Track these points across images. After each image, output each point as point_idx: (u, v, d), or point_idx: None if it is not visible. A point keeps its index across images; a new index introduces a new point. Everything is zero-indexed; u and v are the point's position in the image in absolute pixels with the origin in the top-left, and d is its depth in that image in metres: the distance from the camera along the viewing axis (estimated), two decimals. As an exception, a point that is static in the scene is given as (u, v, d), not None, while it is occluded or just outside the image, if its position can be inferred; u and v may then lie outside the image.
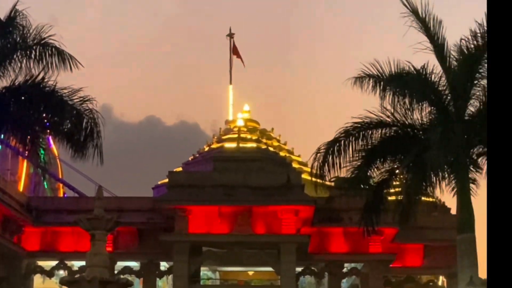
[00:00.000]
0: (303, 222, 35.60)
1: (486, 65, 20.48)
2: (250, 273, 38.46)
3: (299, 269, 36.36)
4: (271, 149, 43.81)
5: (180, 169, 43.13)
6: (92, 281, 19.05)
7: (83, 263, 21.34)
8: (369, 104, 21.61)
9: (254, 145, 43.30)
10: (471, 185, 20.73)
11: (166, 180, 38.82)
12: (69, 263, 36.52)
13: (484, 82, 20.84)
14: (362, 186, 22.30)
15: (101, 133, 21.22)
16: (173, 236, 35.24)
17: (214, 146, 45.46)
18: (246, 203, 34.98)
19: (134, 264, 37.32)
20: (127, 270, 36.67)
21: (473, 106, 21.06)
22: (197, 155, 45.64)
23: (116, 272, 35.34)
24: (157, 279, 37.50)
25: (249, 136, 44.79)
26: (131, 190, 52.71)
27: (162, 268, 37.33)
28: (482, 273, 22.69)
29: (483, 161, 20.84)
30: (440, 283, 40.22)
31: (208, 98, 50.21)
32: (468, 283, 20.28)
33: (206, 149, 46.17)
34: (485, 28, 20.45)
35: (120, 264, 36.53)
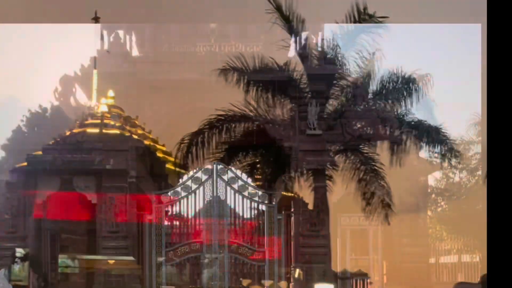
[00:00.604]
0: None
1: (344, 66, 21.23)
2: (111, 261, 38.01)
3: (160, 259, 36.24)
4: (135, 137, 43.36)
5: (40, 153, 42.04)
6: None
7: None
8: (234, 98, 21.86)
9: (117, 132, 42.72)
10: (328, 181, 21.34)
11: (25, 163, 37.76)
12: None
13: (342, 82, 21.51)
14: (224, 178, 22.54)
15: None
16: (30, 222, 34.38)
17: (76, 131, 44.44)
18: (107, 190, 34.54)
19: (-11, 250, 36.20)
20: (-20, 256, 35.53)
21: (331, 106, 21.64)
22: (58, 139, 44.56)
23: (-31, 258, 34.19)
24: (13, 265, 36.50)
25: (112, 123, 44.15)
26: (-13, 174, 51.09)
27: (18, 254, 36.33)
28: (335, 265, 23.66)
29: (340, 159, 21.50)
30: (296, 275, 41.15)
31: (71, 82, 49.21)
32: (322, 275, 21.05)
33: (68, 133, 45.16)
34: (345, 29, 21.18)
35: (-26, 250, 35.34)
